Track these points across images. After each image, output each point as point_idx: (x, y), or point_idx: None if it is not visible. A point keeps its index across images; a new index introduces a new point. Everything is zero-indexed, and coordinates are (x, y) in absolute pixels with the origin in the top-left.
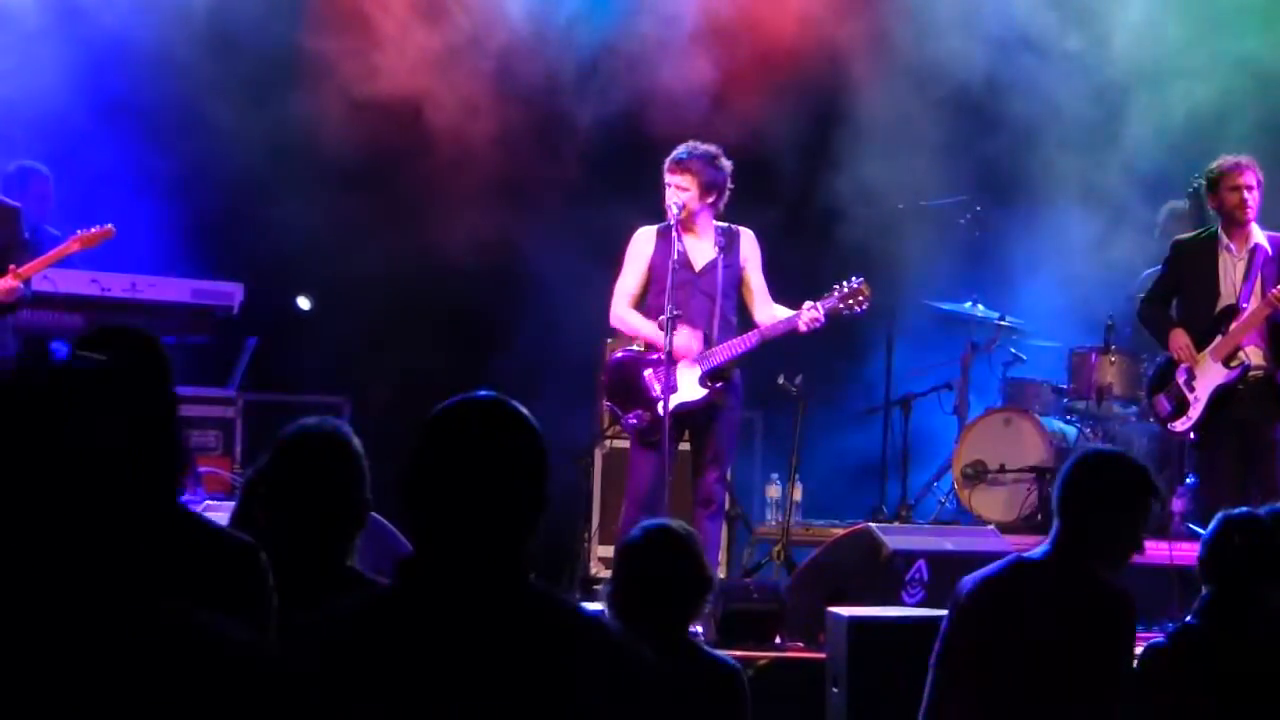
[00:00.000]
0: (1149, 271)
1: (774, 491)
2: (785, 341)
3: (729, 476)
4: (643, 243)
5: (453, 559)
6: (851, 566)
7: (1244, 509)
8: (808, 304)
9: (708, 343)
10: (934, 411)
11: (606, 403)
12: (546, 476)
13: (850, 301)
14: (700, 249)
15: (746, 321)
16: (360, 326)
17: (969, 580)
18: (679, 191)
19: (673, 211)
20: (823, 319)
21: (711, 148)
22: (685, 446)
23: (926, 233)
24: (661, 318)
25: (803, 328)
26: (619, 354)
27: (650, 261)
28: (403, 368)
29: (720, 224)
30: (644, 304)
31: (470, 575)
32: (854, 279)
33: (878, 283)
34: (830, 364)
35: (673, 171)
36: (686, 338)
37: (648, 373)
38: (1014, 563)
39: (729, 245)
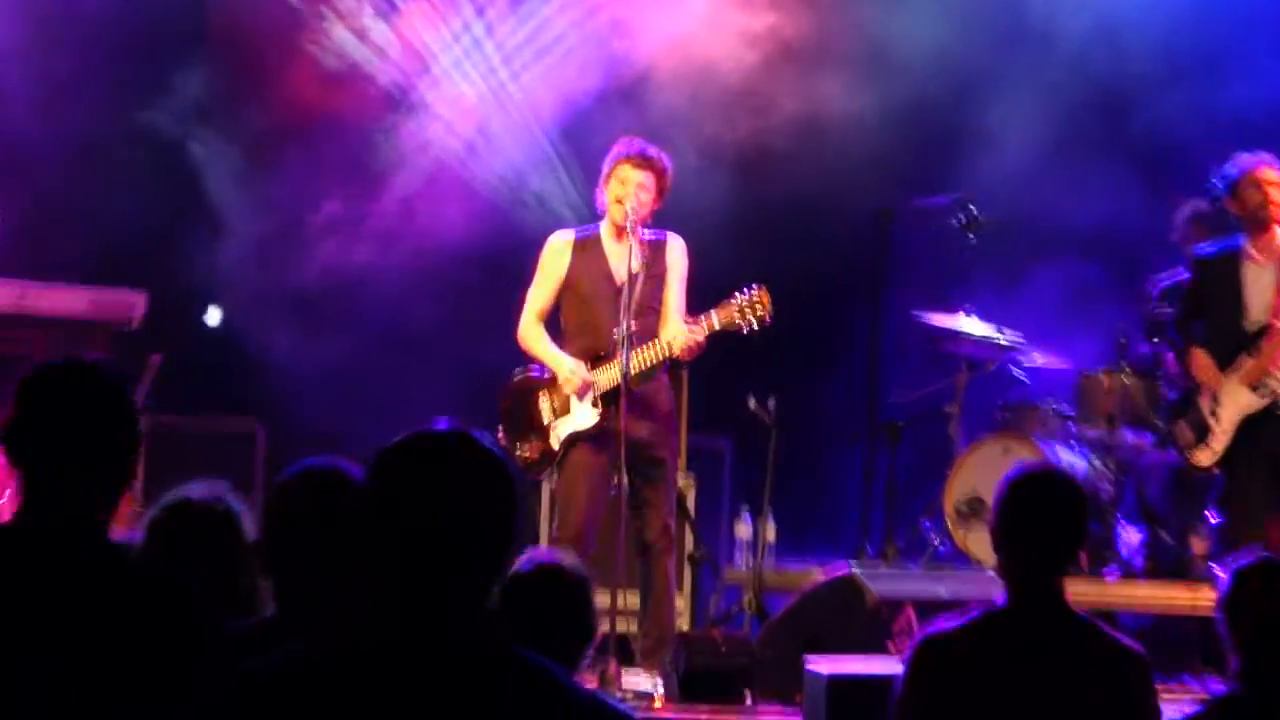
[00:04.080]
0: (1164, 281)
1: (744, 530)
2: (755, 360)
3: (690, 512)
4: (557, 253)
5: (412, 608)
6: (832, 615)
7: (1258, 557)
8: (687, 323)
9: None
10: (924, 439)
11: (500, 433)
12: (516, 518)
13: (747, 312)
14: (622, 259)
15: None
16: (278, 341)
17: (931, 633)
18: (642, 192)
19: (626, 213)
20: (704, 340)
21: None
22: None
23: (915, 236)
24: (617, 330)
25: (678, 352)
26: (516, 377)
27: (567, 275)
28: (326, 388)
29: (647, 231)
30: (561, 321)
31: (433, 624)
32: (751, 286)
33: (862, 292)
34: (808, 385)
35: (640, 167)
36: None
37: (541, 396)
38: (985, 613)
39: (654, 256)
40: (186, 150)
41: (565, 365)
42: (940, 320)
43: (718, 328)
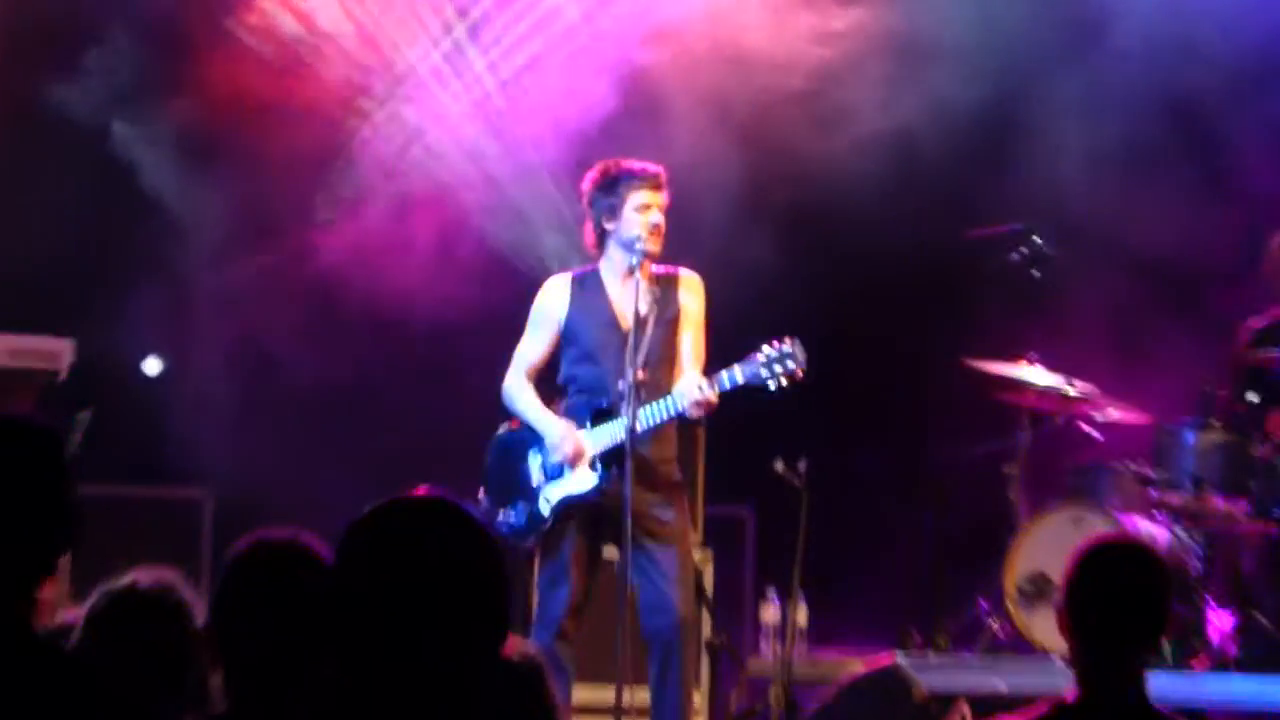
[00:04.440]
0: (1259, 321)
1: (770, 613)
2: (783, 415)
3: (708, 592)
4: (554, 297)
5: (389, 698)
6: (874, 712)
7: None
8: (697, 381)
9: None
10: (980, 507)
11: (481, 496)
12: (508, 600)
13: (776, 368)
14: (629, 301)
15: None
16: (228, 395)
17: None
18: (659, 215)
19: (645, 244)
20: (716, 399)
21: None
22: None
23: (969, 271)
24: (622, 382)
25: (687, 408)
26: (503, 431)
27: (566, 322)
28: (284, 450)
29: (657, 268)
30: (560, 375)
31: (414, 715)
32: (783, 338)
33: (906, 336)
34: (844, 443)
35: (658, 189)
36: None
37: (531, 454)
38: (1052, 710)
39: (665, 295)
40: (114, 170)
41: (554, 430)
42: (999, 368)
43: (741, 383)
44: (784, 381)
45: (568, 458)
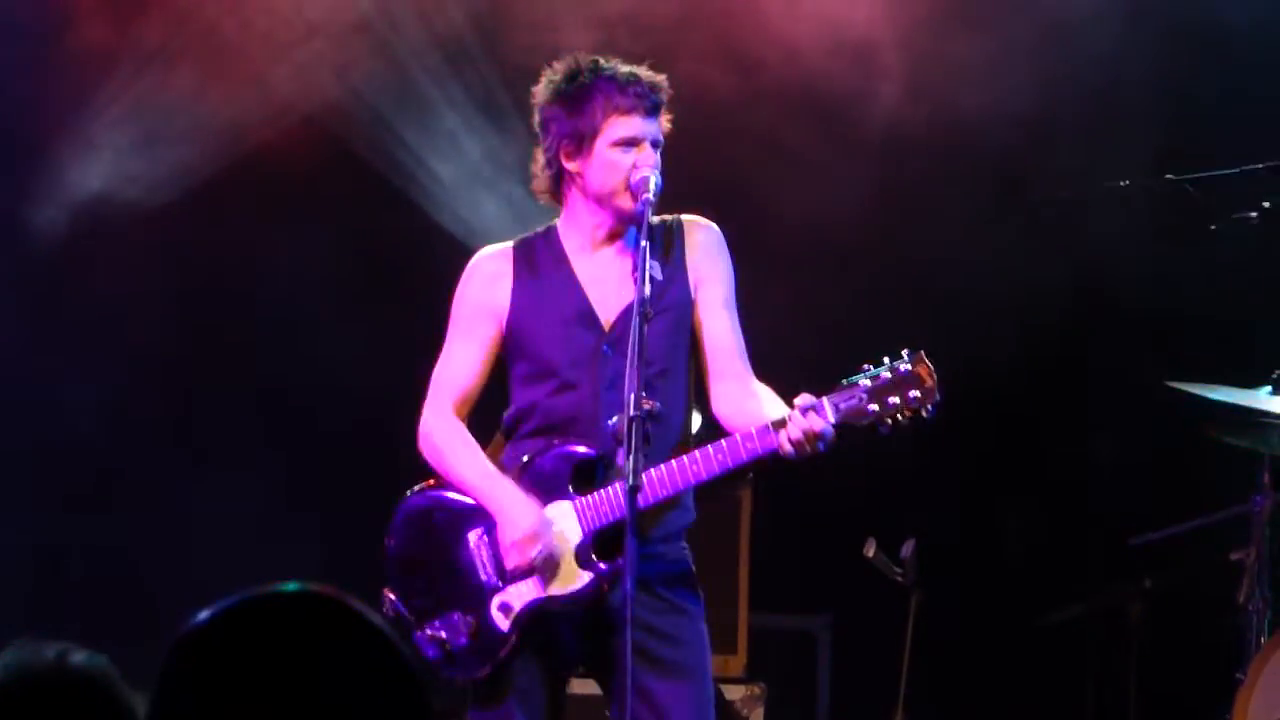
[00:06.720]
0: None
1: None
2: (878, 473)
3: None
4: (487, 283)
5: None
6: None
7: None
8: (802, 400)
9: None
10: (1191, 614)
11: (390, 595)
12: None
13: (893, 400)
14: (610, 281)
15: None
16: None
17: None
18: (653, 153)
19: (624, 201)
20: (832, 431)
21: None
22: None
23: (1177, 238)
24: (615, 420)
25: (788, 447)
26: (416, 496)
27: (512, 321)
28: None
29: (650, 220)
30: (506, 407)
31: None
32: (902, 355)
33: (1072, 345)
34: (976, 517)
35: (651, 111)
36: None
37: (473, 536)
38: None
39: (664, 265)
40: None
41: (514, 514)
42: (1224, 395)
43: (832, 423)
44: (903, 418)
45: (534, 563)
